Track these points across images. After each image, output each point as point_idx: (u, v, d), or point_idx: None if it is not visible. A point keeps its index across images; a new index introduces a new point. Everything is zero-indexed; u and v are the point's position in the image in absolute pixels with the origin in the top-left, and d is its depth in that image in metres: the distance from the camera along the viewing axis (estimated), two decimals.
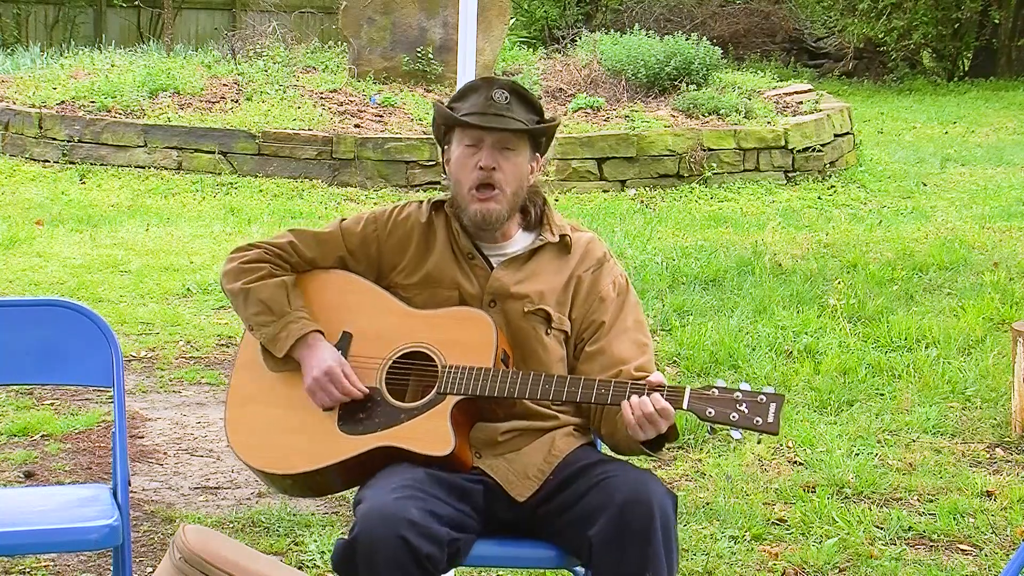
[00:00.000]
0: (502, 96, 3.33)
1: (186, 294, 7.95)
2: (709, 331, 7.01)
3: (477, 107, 3.33)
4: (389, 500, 3.05)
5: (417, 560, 3.01)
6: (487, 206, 3.34)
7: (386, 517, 3.02)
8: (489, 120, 3.32)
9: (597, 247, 3.47)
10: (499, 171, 3.33)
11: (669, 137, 11.92)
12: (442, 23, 13.30)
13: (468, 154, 3.35)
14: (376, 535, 3.01)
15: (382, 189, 11.45)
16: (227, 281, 3.45)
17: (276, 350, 3.34)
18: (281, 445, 3.29)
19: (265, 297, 3.37)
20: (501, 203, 3.35)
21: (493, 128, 3.32)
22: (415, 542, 3.00)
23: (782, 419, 3.07)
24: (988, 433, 5.72)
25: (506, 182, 3.34)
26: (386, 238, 3.44)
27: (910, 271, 8.36)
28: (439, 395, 3.22)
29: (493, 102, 3.32)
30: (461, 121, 3.34)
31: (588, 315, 3.39)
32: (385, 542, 3.00)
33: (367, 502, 3.09)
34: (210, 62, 14.24)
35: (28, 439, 5.55)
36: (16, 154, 12.36)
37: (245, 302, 3.39)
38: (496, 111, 3.32)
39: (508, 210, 3.37)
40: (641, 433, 3.12)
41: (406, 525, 3.01)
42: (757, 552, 4.55)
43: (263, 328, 3.36)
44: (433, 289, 3.38)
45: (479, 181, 3.33)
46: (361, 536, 3.03)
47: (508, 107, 3.33)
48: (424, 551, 3.01)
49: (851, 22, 21.58)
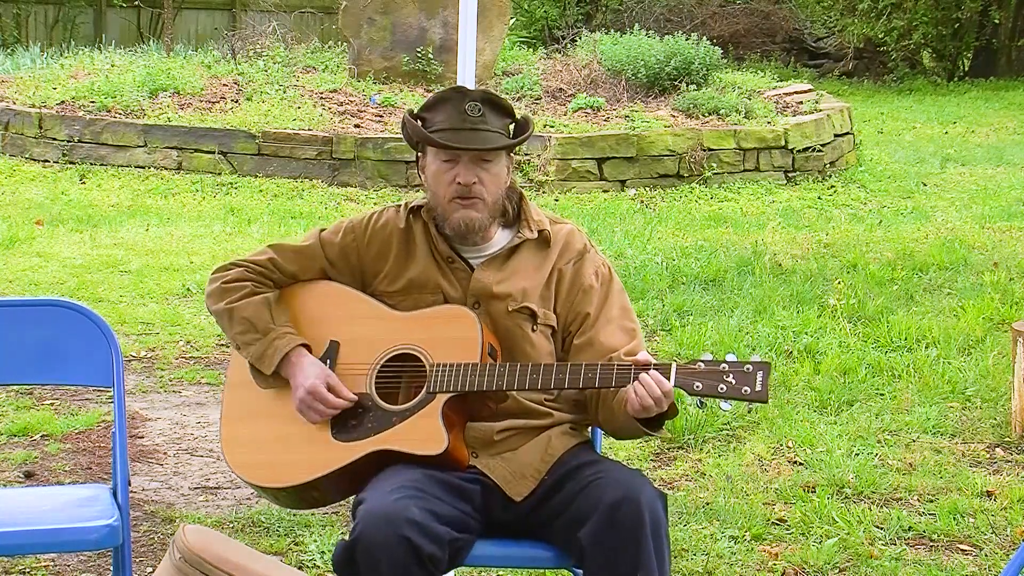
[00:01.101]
0: (475, 108, 3.30)
1: (186, 294, 7.95)
2: (709, 331, 7.01)
3: (451, 122, 3.31)
4: (390, 500, 3.05)
5: (419, 560, 3.01)
6: (468, 213, 3.33)
7: (387, 517, 3.02)
8: (465, 138, 3.29)
9: (577, 238, 3.45)
10: (478, 184, 3.32)
11: (669, 137, 11.92)
12: (442, 23, 13.30)
13: (445, 169, 3.34)
14: (378, 535, 3.01)
15: (382, 189, 11.45)
16: (211, 302, 3.46)
17: (264, 368, 3.35)
18: (277, 459, 3.29)
19: (249, 315, 3.37)
20: (482, 211, 3.34)
21: (471, 149, 3.30)
22: (417, 542, 3.00)
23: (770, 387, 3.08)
24: (988, 433, 5.72)
25: (486, 192, 3.34)
26: (366, 247, 3.44)
27: (910, 271, 8.36)
28: (429, 394, 3.22)
29: (467, 116, 3.30)
30: (436, 142, 3.31)
31: (573, 307, 3.39)
32: (387, 542, 3.00)
33: (368, 503, 3.08)
34: (210, 62, 14.24)
35: (28, 439, 5.55)
36: (16, 154, 12.36)
37: (230, 322, 3.40)
38: (471, 125, 3.30)
39: (489, 216, 3.37)
40: (644, 413, 3.13)
41: (408, 525, 3.01)
42: (757, 552, 4.54)
43: (249, 347, 3.36)
44: (417, 295, 3.38)
45: (458, 195, 3.33)
46: (362, 537, 3.02)
47: (482, 118, 3.31)
48: (426, 551, 3.01)
49: (851, 22, 21.58)
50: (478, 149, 3.30)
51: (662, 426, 3.25)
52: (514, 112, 3.40)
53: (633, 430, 3.24)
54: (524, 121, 3.40)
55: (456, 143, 3.30)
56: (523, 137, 3.38)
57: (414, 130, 3.34)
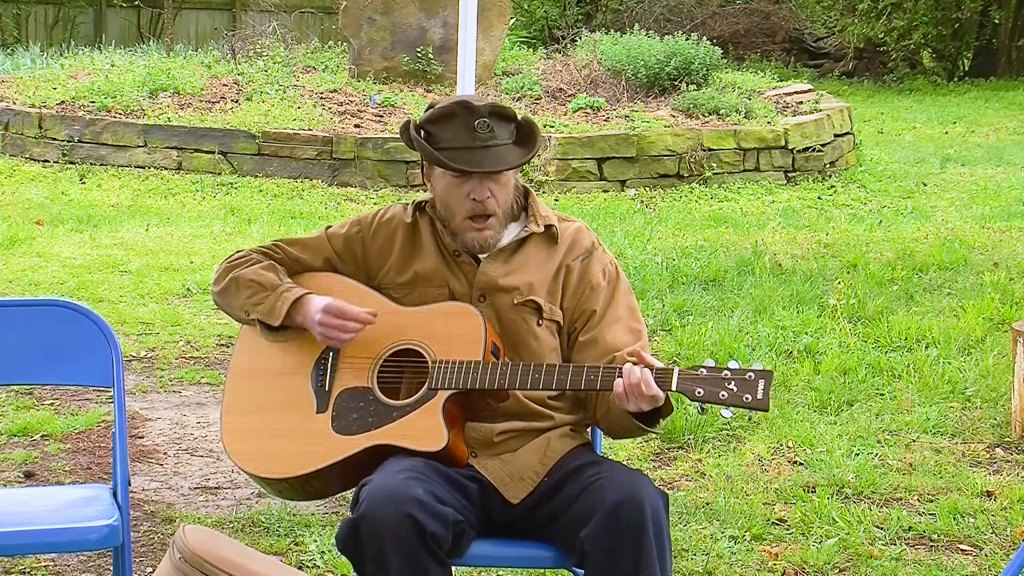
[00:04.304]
0: (484, 125, 3.28)
1: (186, 294, 7.95)
2: (709, 331, 7.01)
3: (461, 141, 3.28)
4: (396, 480, 3.06)
5: (423, 538, 3.01)
6: (483, 234, 3.35)
7: (393, 496, 3.02)
8: (479, 158, 3.28)
9: (585, 236, 3.45)
10: (492, 198, 3.32)
11: (669, 137, 11.92)
12: (442, 23, 13.30)
13: (457, 184, 3.33)
14: (382, 513, 3.01)
15: (382, 189, 11.45)
16: (216, 284, 3.47)
17: (273, 318, 3.34)
18: (277, 450, 3.30)
19: (255, 277, 3.39)
20: (495, 227, 3.36)
21: (489, 171, 3.29)
22: (422, 520, 3.01)
23: (771, 395, 3.08)
24: (988, 433, 5.72)
25: (499, 204, 3.34)
26: (371, 239, 3.45)
27: (910, 271, 8.35)
28: (430, 391, 3.23)
29: (476, 133, 3.28)
30: (451, 166, 3.29)
31: (579, 304, 3.39)
32: (391, 520, 3.00)
33: (373, 483, 3.09)
34: (210, 62, 14.24)
35: (28, 439, 5.55)
36: (16, 154, 12.36)
37: (236, 290, 3.40)
38: (481, 143, 3.28)
39: (502, 228, 3.38)
40: (629, 404, 3.11)
41: (413, 503, 3.01)
42: (757, 552, 4.55)
43: (258, 306, 3.36)
44: (423, 288, 3.38)
45: (473, 212, 3.32)
46: (367, 514, 3.03)
47: (492, 134, 3.29)
48: (430, 529, 3.02)
49: (851, 22, 21.59)
50: (496, 171, 3.30)
51: (657, 423, 3.24)
52: (516, 116, 3.39)
53: (630, 427, 3.24)
54: (529, 127, 3.37)
55: (472, 166, 3.28)
56: (535, 151, 3.37)
57: (423, 148, 3.31)
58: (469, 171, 3.29)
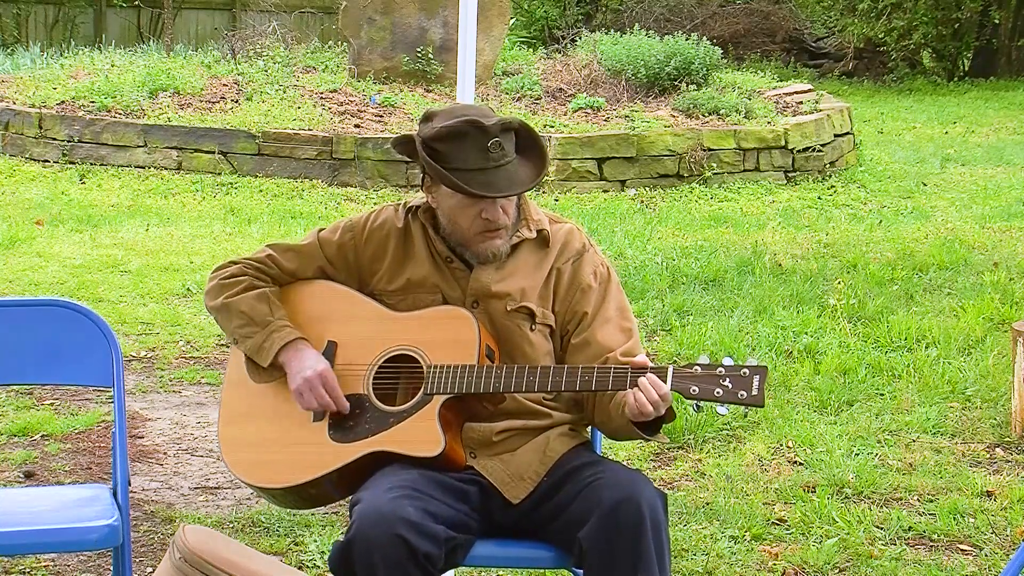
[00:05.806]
0: (496, 145, 3.23)
1: (186, 294, 7.95)
2: (709, 331, 7.01)
3: (475, 162, 3.23)
4: (385, 500, 3.05)
5: (415, 559, 3.01)
6: (495, 243, 3.33)
7: (383, 517, 3.02)
8: (495, 180, 3.22)
9: (576, 238, 3.44)
10: (503, 214, 3.31)
11: (669, 137, 11.92)
12: (442, 23, 13.30)
13: (469, 204, 3.28)
14: (373, 535, 3.01)
15: (382, 189, 11.45)
16: (209, 299, 3.45)
17: (261, 359, 3.34)
18: (274, 459, 3.29)
19: (246, 309, 3.37)
20: (505, 236, 3.34)
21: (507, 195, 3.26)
22: (413, 541, 3.00)
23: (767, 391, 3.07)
24: (988, 433, 5.72)
25: (509, 217, 3.33)
26: (363, 245, 3.43)
27: (910, 271, 8.35)
28: (426, 396, 3.22)
29: (489, 154, 3.23)
30: (468, 191, 3.23)
31: (571, 307, 3.38)
32: (382, 542, 3.00)
33: (363, 503, 3.08)
34: (210, 62, 14.24)
35: (28, 439, 5.55)
36: (16, 154, 12.36)
37: (228, 316, 3.39)
38: (495, 163, 3.23)
39: (511, 236, 3.36)
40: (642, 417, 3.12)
41: (403, 524, 3.01)
42: (757, 552, 4.55)
43: (247, 340, 3.35)
44: (415, 294, 3.37)
45: (485, 228, 3.30)
46: (358, 536, 3.02)
47: (504, 153, 3.25)
48: (422, 550, 3.01)
49: (851, 22, 21.58)
50: (514, 194, 3.28)
51: (659, 430, 3.24)
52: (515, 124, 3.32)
53: (629, 433, 3.25)
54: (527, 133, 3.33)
55: (490, 190, 3.23)
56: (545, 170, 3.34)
57: (434, 171, 3.26)
58: (490, 196, 3.25)
